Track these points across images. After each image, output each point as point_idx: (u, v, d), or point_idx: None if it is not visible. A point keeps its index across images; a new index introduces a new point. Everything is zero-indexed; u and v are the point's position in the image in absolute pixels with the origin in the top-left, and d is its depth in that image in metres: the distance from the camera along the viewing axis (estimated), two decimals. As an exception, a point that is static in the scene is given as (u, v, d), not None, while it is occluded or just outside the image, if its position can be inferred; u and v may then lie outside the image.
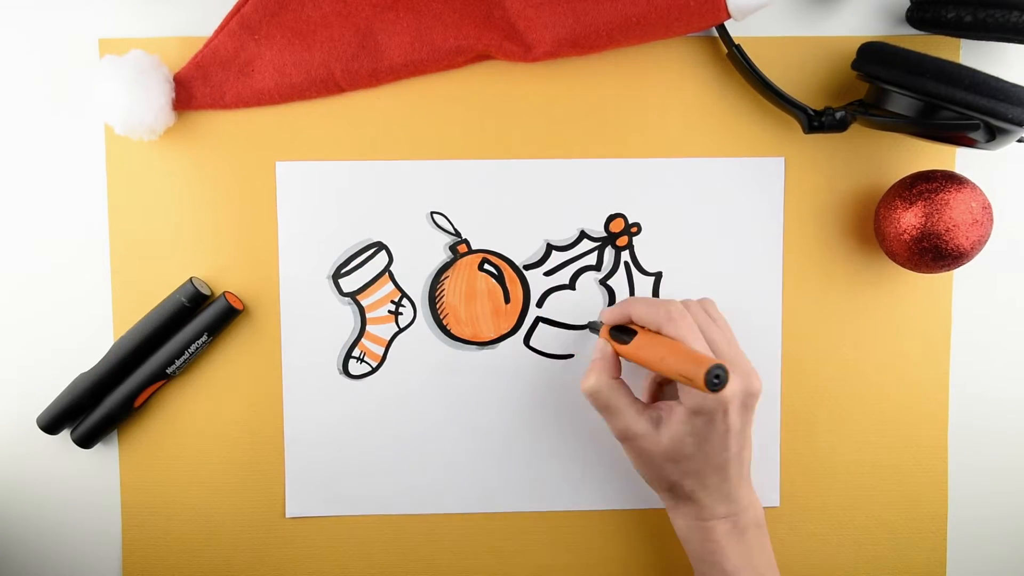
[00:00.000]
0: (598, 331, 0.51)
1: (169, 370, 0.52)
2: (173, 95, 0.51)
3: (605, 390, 0.48)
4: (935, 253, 0.49)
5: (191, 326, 0.52)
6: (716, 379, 0.40)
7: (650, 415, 0.47)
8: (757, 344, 0.54)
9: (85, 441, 0.53)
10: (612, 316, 0.50)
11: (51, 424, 0.53)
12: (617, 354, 0.49)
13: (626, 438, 0.48)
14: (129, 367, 0.52)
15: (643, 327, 0.48)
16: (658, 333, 0.47)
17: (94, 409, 0.53)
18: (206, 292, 0.52)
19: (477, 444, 0.55)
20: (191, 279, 0.52)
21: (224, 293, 0.52)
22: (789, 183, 0.54)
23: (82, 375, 0.53)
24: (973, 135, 0.46)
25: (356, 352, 0.54)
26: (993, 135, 0.46)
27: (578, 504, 0.55)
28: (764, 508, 0.55)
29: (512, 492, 0.55)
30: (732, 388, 0.46)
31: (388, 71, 0.52)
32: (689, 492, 0.47)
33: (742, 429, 0.47)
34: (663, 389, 0.53)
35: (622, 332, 0.49)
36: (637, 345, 0.47)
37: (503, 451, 0.54)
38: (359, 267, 0.54)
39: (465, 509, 0.55)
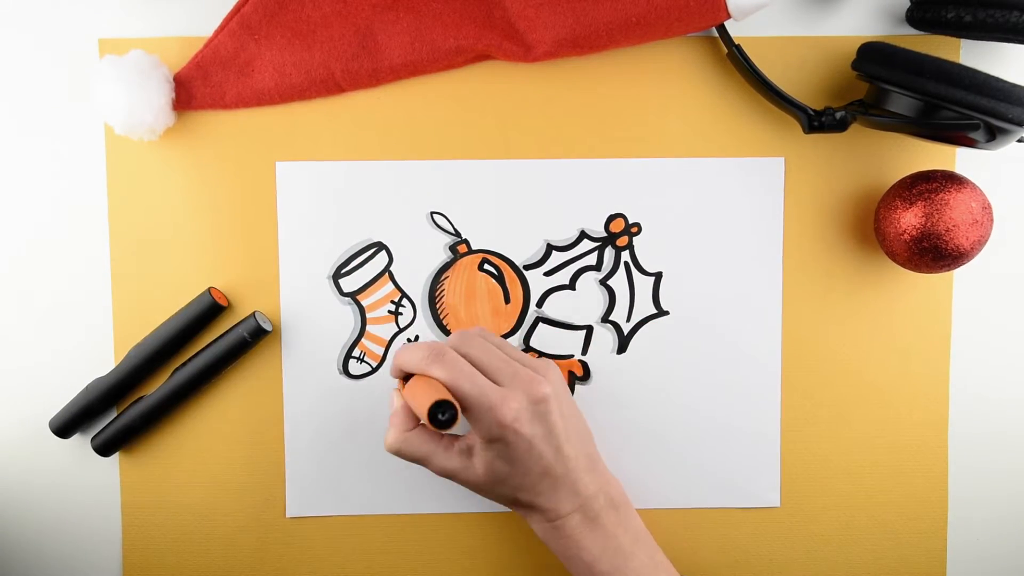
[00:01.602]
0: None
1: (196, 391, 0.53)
2: (173, 95, 0.51)
3: (405, 445, 0.47)
4: (935, 253, 0.49)
5: (219, 346, 0.52)
6: (441, 415, 0.41)
7: (460, 448, 0.47)
8: (757, 344, 0.54)
9: (105, 450, 0.53)
10: (392, 369, 0.49)
11: (63, 428, 0.53)
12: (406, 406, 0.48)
13: (448, 476, 0.47)
14: (144, 373, 0.53)
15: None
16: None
17: (117, 418, 0.53)
18: (267, 327, 0.52)
19: (477, 444, 0.55)
20: (254, 313, 0.52)
21: (254, 313, 0.52)
22: (789, 183, 0.54)
23: (97, 380, 0.53)
24: (973, 135, 0.46)
25: (356, 352, 0.54)
26: (993, 135, 0.46)
27: (578, 504, 0.55)
28: (764, 508, 0.55)
29: (512, 492, 0.55)
30: (512, 409, 0.44)
31: (388, 71, 0.52)
32: (529, 502, 0.47)
33: (547, 433, 0.46)
34: None
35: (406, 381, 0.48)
36: (406, 393, 0.46)
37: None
38: (359, 267, 0.54)
39: (465, 509, 0.55)
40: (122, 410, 0.53)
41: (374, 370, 0.54)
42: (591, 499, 0.48)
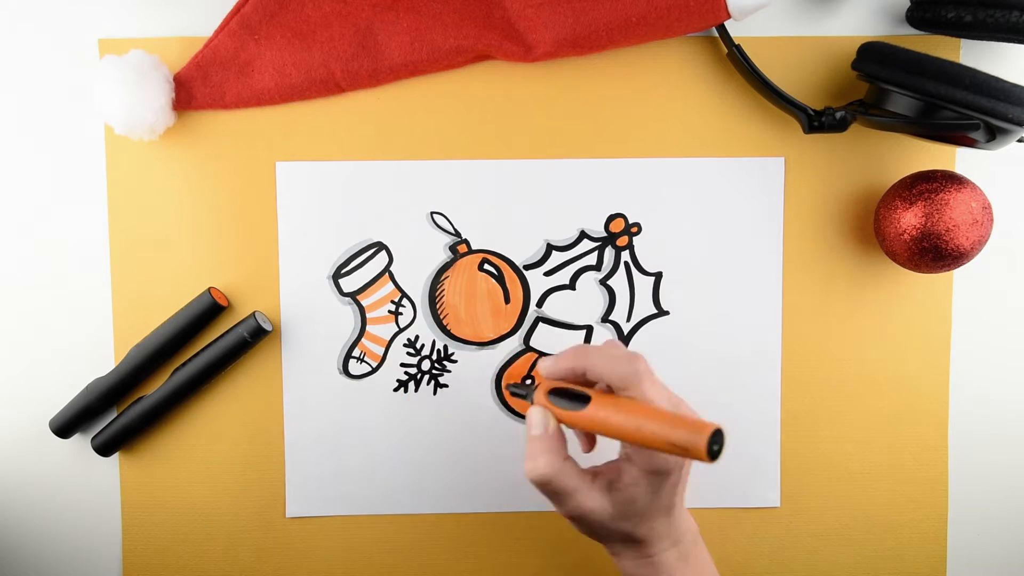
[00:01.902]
0: (527, 396, 0.45)
1: (197, 390, 0.53)
2: (173, 95, 0.51)
3: (560, 476, 0.42)
4: (935, 253, 0.49)
5: (219, 346, 0.52)
6: (716, 446, 0.36)
7: (600, 484, 0.43)
8: (757, 344, 0.54)
9: (105, 450, 0.53)
10: (558, 369, 0.43)
11: (64, 428, 0.53)
12: (559, 424, 0.43)
13: (581, 519, 0.44)
14: (144, 373, 0.53)
15: (594, 386, 0.42)
16: (616, 393, 0.41)
17: (117, 418, 0.53)
18: (267, 327, 0.52)
19: (477, 444, 0.55)
20: (254, 313, 0.52)
21: (254, 313, 0.52)
22: (789, 183, 0.54)
23: (97, 380, 0.53)
24: (973, 135, 0.46)
25: (356, 352, 0.54)
26: (993, 135, 0.46)
27: (578, 504, 0.55)
28: (764, 508, 0.55)
29: (512, 492, 0.55)
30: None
31: (388, 71, 0.52)
32: (641, 536, 0.45)
33: (687, 477, 0.45)
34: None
35: (565, 396, 0.42)
36: (596, 411, 0.40)
37: (503, 451, 0.54)
38: (359, 267, 0.54)
39: (465, 509, 0.55)
40: (122, 410, 0.53)
41: (374, 370, 0.54)
42: (684, 534, 0.47)
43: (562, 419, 0.42)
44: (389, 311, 0.54)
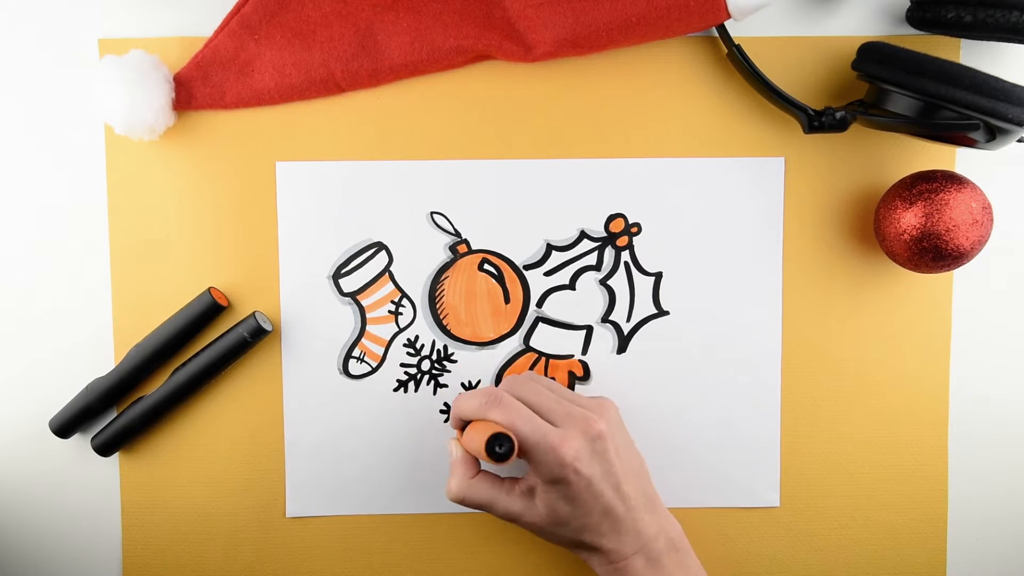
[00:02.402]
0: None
1: (197, 390, 0.53)
2: (173, 95, 0.51)
3: (469, 492, 0.48)
4: (935, 253, 0.49)
5: (219, 346, 0.52)
6: (499, 447, 0.42)
7: (521, 489, 0.48)
8: (757, 344, 0.54)
9: (105, 450, 0.53)
10: (452, 420, 0.51)
11: (63, 428, 0.53)
12: (466, 454, 0.49)
13: (511, 519, 0.48)
14: (144, 373, 0.53)
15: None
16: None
17: (117, 418, 0.53)
18: (267, 327, 0.52)
19: (477, 444, 0.55)
20: (254, 313, 0.52)
21: (254, 313, 0.52)
22: (789, 183, 0.54)
23: (97, 380, 0.53)
24: (973, 135, 0.46)
25: (356, 352, 0.54)
26: (993, 135, 0.46)
27: (578, 504, 0.55)
28: (764, 508, 0.55)
29: (512, 492, 0.55)
30: (573, 448, 0.45)
31: (388, 71, 0.52)
32: (592, 543, 0.47)
33: (606, 471, 0.46)
34: None
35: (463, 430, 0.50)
36: (464, 439, 0.48)
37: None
38: (359, 267, 0.54)
39: (465, 509, 0.55)
40: (122, 410, 0.53)
41: (374, 370, 0.54)
42: (652, 540, 0.47)
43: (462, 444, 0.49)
44: (389, 311, 0.54)
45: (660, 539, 0.48)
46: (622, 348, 0.54)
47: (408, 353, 0.54)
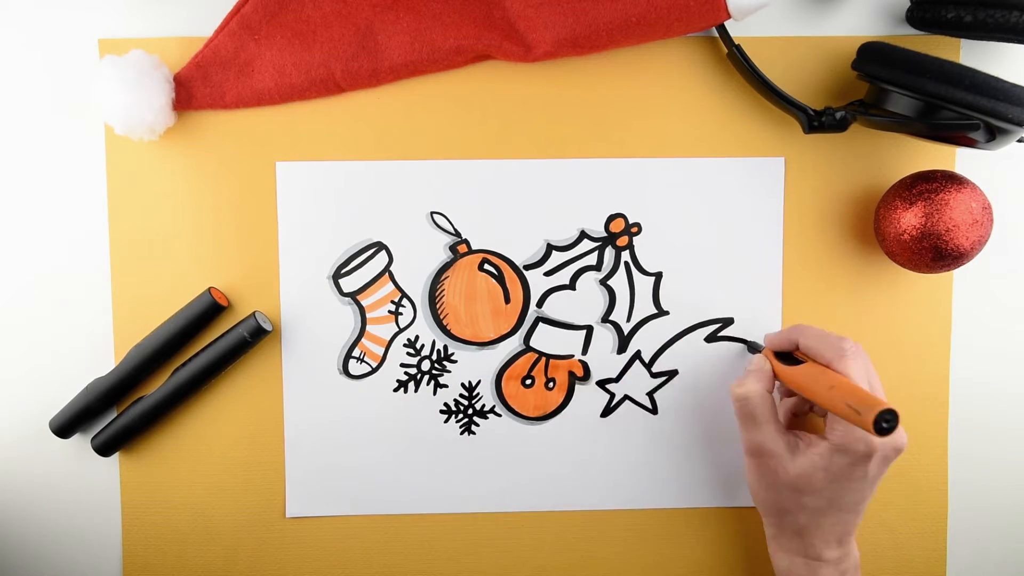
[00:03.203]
0: (756, 351, 0.52)
1: (196, 390, 0.53)
2: (173, 95, 0.51)
3: (756, 398, 0.47)
4: (935, 253, 0.49)
5: (219, 346, 0.52)
6: (886, 423, 0.40)
7: (788, 439, 0.47)
8: (757, 344, 0.54)
9: (105, 450, 0.53)
10: (777, 340, 0.50)
11: (64, 428, 0.53)
12: (775, 374, 0.49)
13: (758, 454, 0.47)
14: (144, 373, 0.53)
15: (807, 357, 0.48)
16: (824, 367, 0.46)
17: (117, 418, 0.53)
18: (267, 327, 0.52)
19: (477, 444, 0.55)
20: (254, 313, 0.52)
21: (254, 313, 0.52)
22: (789, 183, 0.54)
23: (97, 380, 0.53)
24: (973, 135, 0.46)
25: (356, 352, 0.54)
26: (993, 135, 0.46)
27: (578, 504, 0.55)
28: (764, 508, 0.55)
29: (512, 492, 0.55)
30: (886, 439, 0.45)
31: (388, 71, 0.52)
32: (801, 526, 0.47)
33: (875, 479, 0.47)
34: (798, 420, 0.53)
35: (783, 358, 0.49)
36: (803, 371, 0.46)
37: (503, 451, 0.55)
38: (359, 267, 0.54)
39: (465, 509, 0.55)
40: (122, 410, 0.53)
41: (374, 370, 0.54)
42: (846, 557, 0.48)
43: (778, 372, 0.49)
44: (389, 311, 0.54)
45: (850, 560, 0.48)
46: (622, 348, 0.54)
47: (408, 353, 0.54)
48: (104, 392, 0.52)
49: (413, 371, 0.54)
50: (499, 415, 0.55)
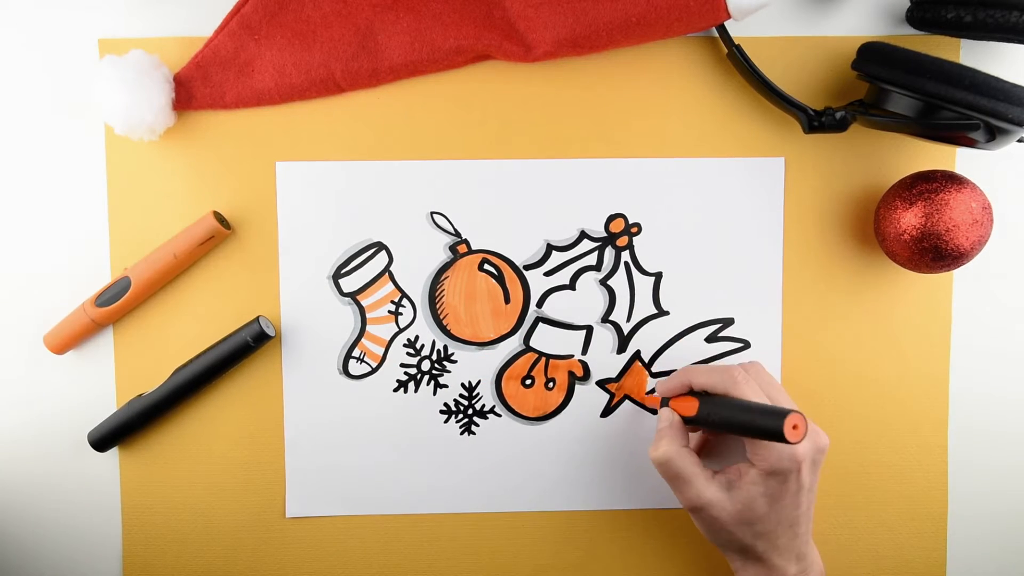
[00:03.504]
0: (663, 404, 0.51)
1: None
2: (173, 95, 0.51)
3: (676, 459, 0.47)
4: (935, 253, 0.49)
5: (221, 349, 0.52)
6: (795, 428, 0.41)
7: (720, 481, 0.47)
8: (757, 344, 0.54)
9: (101, 445, 0.53)
10: (670, 386, 0.50)
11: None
12: (683, 423, 0.49)
13: (697, 508, 0.47)
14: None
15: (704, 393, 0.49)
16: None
17: (115, 414, 0.53)
18: (271, 333, 0.52)
19: (477, 444, 0.55)
20: (258, 318, 0.52)
21: (258, 318, 0.52)
22: (789, 183, 0.54)
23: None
24: (973, 135, 0.46)
25: (356, 352, 0.54)
26: (993, 135, 0.46)
27: (578, 504, 0.55)
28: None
29: (512, 492, 0.55)
30: (804, 446, 0.46)
31: (388, 71, 0.52)
32: (761, 553, 0.47)
33: (811, 486, 0.47)
34: (710, 452, 0.53)
35: (683, 401, 0.49)
36: (708, 408, 0.47)
37: (503, 451, 0.55)
38: (359, 267, 0.54)
39: (465, 509, 0.55)
40: (121, 406, 0.53)
41: (374, 370, 0.54)
42: (810, 567, 0.48)
43: (683, 414, 0.49)
44: (389, 311, 0.54)
45: (814, 568, 0.49)
46: (622, 348, 0.54)
47: (408, 353, 0.54)
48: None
49: (413, 371, 0.54)
50: (499, 415, 0.55)
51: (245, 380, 0.54)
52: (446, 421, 0.54)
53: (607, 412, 0.55)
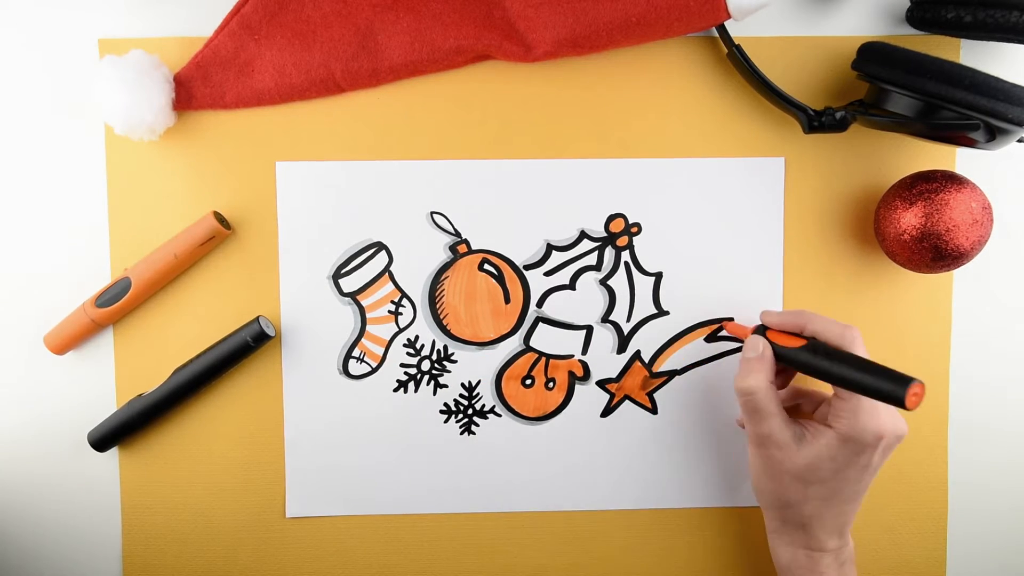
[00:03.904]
0: (760, 332, 0.50)
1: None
2: (173, 95, 0.51)
3: (762, 392, 0.47)
4: (935, 253, 0.49)
5: (221, 349, 0.52)
6: (915, 395, 0.41)
7: (794, 429, 0.47)
8: (757, 344, 0.54)
9: (101, 445, 0.53)
10: (780, 321, 0.49)
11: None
12: (773, 354, 0.48)
13: (765, 444, 0.47)
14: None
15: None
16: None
17: (115, 413, 0.53)
18: (271, 333, 0.52)
19: (477, 444, 0.55)
20: (258, 318, 0.52)
21: (258, 318, 0.52)
22: (789, 183, 0.54)
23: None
24: (973, 135, 0.46)
25: (356, 352, 0.54)
26: (993, 135, 0.46)
27: (578, 504, 0.55)
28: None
29: (512, 492, 0.55)
30: (888, 426, 0.45)
31: (388, 71, 0.52)
32: (805, 518, 0.47)
33: (877, 468, 0.47)
34: (797, 409, 0.53)
35: (787, 337, 0.48)
36: (820, 352, 0.46)
37: (503, 451, 0.55)
38: (359, 267, 0.54)
39: (465, 509, 0.55)
40: (121, 406, 0.53)
41: (374, 370, 0.54)
42: (844, 547, 0.48)
43: (782, 354, 0.48)
44: (389, 311, 0.54)
45: (848, 548, 0.49)
46: (622, 348, 0.54)
47: (408, 353, 0.54)
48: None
49: (413, 371, 0.54)
50: (499, 415, 0.55)
51: (245, 380, 0.54)
52: (446, 421, 0.54)
53: (607, 412, 0.55)
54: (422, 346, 0.54)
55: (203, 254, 0.53)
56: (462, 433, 0.55)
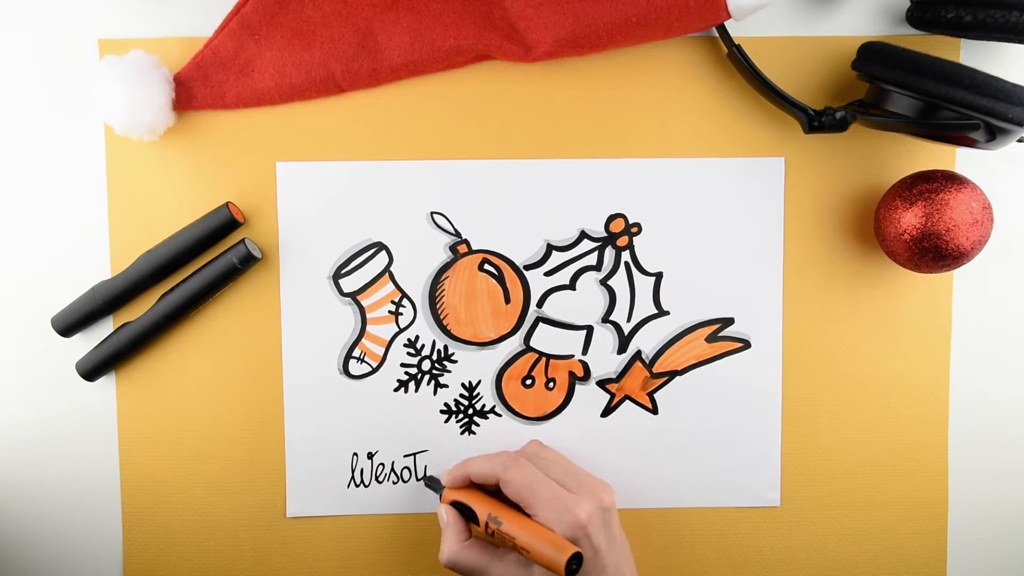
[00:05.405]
0: (435, 488, 0.52)
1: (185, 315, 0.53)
2: (173, 95, 0.51)
3: (462, 557, 0.48)
4: (935, 253, 0.49)
5: (208, 271, 0.52)
6: (575, 565, 0.43)
7: (516, 558, 0.47)
8: (757, 344, 0.54)
9: (90, 375, 0.53)
10: (452, 479, 0.50)
11: (66, 328, 0.52)
12: (460, 516, 0.49)
13: None
14: (148, 285, 0.52)
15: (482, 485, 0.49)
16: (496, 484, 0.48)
17: (103, 342, 0.52)
18: (257, 255, 0.52)
19: (477, 444, 0.55)
20: (244, 240, 0.51)
21: (244, 240, 0.52)
22: (789, 183, 0.54)
23: (102, 283, 0.52)
24: (973, 135, 0.46)
25: (356, 352, 0.54)
26: (993, 135, 0.46)
27: (578, 504, 0.55)
28: (764, 508, 0.55)
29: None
30: (587, 512, 0.45)
31: (388, 71, 0.52)
32: None
33: (610, 543, 0.47)
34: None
35: (462, 507, 0.49)
36: (519, 527, 0.46)
37: (503, 451, 0.54)
38: (359, 267, 0.54)
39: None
40: (108, 335, 0.53)
41: (374, 370, 0.54)
42: None
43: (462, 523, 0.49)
44: (389, 311, 0.54)
45: None
46: (622, 348, 0.54)
47: (408, 353, 0.54)
48: (108, 298, 0.52)
49: (413, 371, 0.54)
50: (499, 415, 0.55)
51: (246, 380, 0.54)
52: (446, 421, 0.54)
53: (607, 412, 0.55)
54: (422, 346, 0.54)
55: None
56: (462, 433, 0.55)
